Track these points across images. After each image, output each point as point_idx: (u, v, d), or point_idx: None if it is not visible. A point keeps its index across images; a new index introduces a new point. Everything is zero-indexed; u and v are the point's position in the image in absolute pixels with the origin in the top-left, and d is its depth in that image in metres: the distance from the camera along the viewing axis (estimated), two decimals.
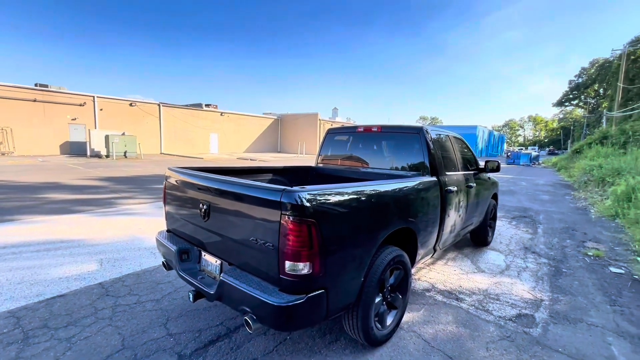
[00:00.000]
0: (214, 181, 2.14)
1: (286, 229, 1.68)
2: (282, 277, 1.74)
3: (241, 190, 1.92)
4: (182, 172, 2.54)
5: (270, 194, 1.75)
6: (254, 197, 1.83)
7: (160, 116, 27.24)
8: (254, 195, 1.83)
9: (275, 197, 1.71)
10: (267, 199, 1.76)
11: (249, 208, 1.88)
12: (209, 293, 2.07)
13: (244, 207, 1.92)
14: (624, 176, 9.92)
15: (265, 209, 1.78)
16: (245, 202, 1.90)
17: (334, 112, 40.58)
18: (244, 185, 1.93)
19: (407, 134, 3.38)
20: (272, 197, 1.73)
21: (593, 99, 67.66)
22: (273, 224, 1.74)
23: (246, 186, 1.91)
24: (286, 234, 1.68)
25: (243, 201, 1.92)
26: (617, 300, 3.40)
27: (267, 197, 1.76)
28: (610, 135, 23.25)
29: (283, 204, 1.68)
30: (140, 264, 3.86)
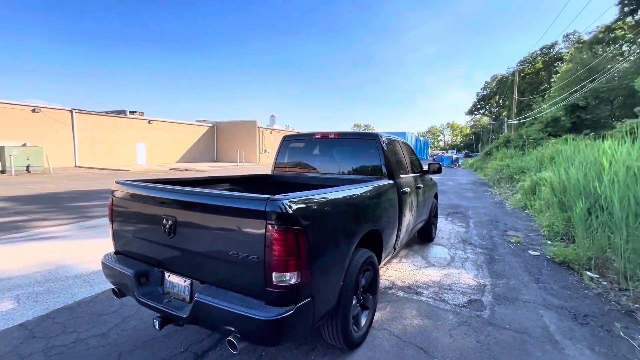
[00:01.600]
0: (181, 193, 1.96)
1: (272, 239, 1.62)
2: (268, 290, 1.67)
3: (217, 201, 1.79)
4: (137, 186, 2.27)
5: (253, 204, 1.66)
6: (234, 208, 1.72)
7: (74, 124, 23.88)
8: (234, 206, 1.72)
9: (259, 207, 1.64)
10: (250, 209, 1.67)
11: (227, 220, 1.76)
12: (180, 317, 1.87)
13: (221, 220, 1.79)
14: (527, 174, 11.76)
15: (247, 219, 1.69)
16: (222, 214, 1.78)
17: (271, 119, 40.32)
18: (220, 196, 1.80)
19: (364, 140, 3.54)
20: (256, 206, 1.65)
21: (495, 109, 78.82)
22: (257, 235, 1.66)
23: (223, 197, 1.79)
24: (272, 245, 1.62)
25: (220, 213, 1.78)
26: (539, 278, 3.99)
27: (250, 207, 1.67)
28: (512, 139, 27.50)
29: (268, 213, 1.62)
30: (72, 295, 3.30)
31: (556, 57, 50.92)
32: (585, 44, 41.87)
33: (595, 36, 41.74)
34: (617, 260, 3.78)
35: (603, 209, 4.22)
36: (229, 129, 34.09)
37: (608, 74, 21.77)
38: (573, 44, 47.41)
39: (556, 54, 51.45)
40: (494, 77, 75.29)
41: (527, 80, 55.76)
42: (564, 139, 20.66)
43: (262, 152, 33.35)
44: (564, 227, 5.53)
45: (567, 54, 45.95)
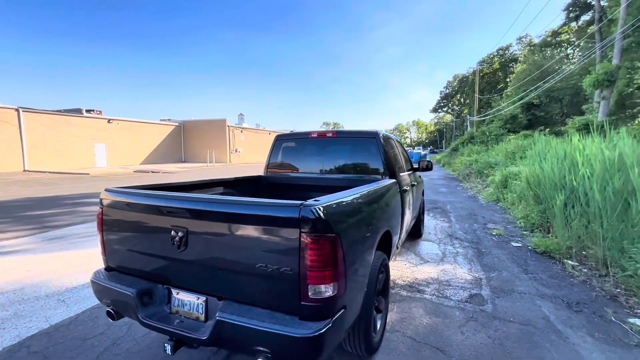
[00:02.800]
0: (197, 202, 1.75)
1: (306, 249, 1.48)
2: (303, 304, 1.53)
3: (243, 210, 1.61)
4: (135, 194, 2.02)
5: (285, 211, 1.52)
6: (262, 217, 1.56)
7: (21, 124, 21.67)
8: (263, 215, 1.56)
9: (292, 214, 1.49)
10: (281, 217, 1.52)
11: (254, 230, 1.59)
12: (198, 339, 1.67)
13: (246, 230, 1.61)
14: (495, 168, 12.41)
15: (277, 228, 1.54)
16: (247, 224, 1.60)
17: (239, 118, 39.24)
18: (246, 204, 1.63)
19: (364, 138, 3.47)
20: (288, 214, 1.50)
21: (457, 107, 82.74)
22: (289, 245, 1.52)
23: (250, 205, 1.62)
24: (307, 255, 1.49)
25: (245, 222, 1.61)
26: (527, 269, 4.17)
27: (281, 215, 1.52)
28: (475, 135, 29.05)
29: (302, 221, 1.48)
30: (46, 318, 2.92)
31: (511, 58, 54.33)
32: (536, 46, 45.14)
33: (544, 40, 45.19)
34: (596, 249, 4.04)
35: (579, 200, 4.50)
36: (196, 128, 32.70)
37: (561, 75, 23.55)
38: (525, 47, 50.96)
39: (511, 55, 54.94)
40: (456, 76, 78.87)
41: (485, 80, 58.99)
42: (522, 135, 22.19)
43: (233, 151, 32.39)
44: (540, 219, 5.85)
45: (521, 55, 49.18)
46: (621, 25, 16.73)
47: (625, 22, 16.48)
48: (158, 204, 1.85)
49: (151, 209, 1.90)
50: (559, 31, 42.29)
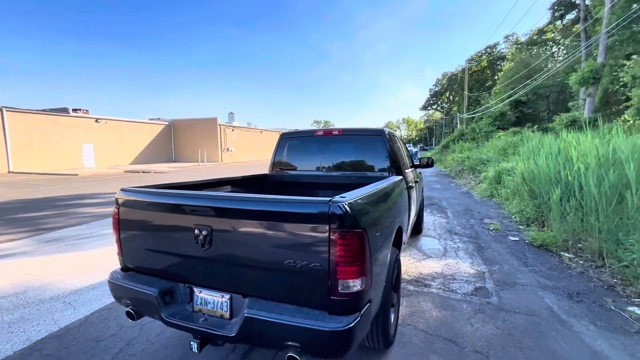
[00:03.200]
0: (223, 200, 1.76)
1: (336, 245, 1.51)
2: (333, 299, 1.56)
3: (271, 207, 1.63)
4: (156, 194, 2.01)
5: (315, 207, 1.54)
6: (291, 214, 1.59)
7: (4, 124, 21.02)
8: (291, 211, 1.59)
9: (322, 210, 1.52)
10: (311, 213, 1.55)
11: (283, 227, 1.61)
12: (227, 336, 1.69)
13: (274, 227, 1.63)
14: (487, 165, 12.65)
15: (307, 225, 1.56)
16: (276, 221, 1.62)
17: (230, 116, 38.71)
18: (274, 201, 1.64)
19: (370, 135, 3.52)
20: (318, 210, 1.53)
21: (447, 104, 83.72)
22: (319, 241, 1.54)
23: (278, 202, 1.64)
24: (337, 250, 1.52)
25: (273, 220, 1.63)
26: (527, 262, 4.30)
27: (311, 211, 1.55)
28: (465, 132, 29.49)
29: (332, 217, 1.51)
30: (55, 321, 2.88)
31: (499, 57, 55.20)
32: (522, 45, 45.99)
33: (530, 38, 46.07)
34: (592, 241, 4.18)
35: (574, 195, 4.65)
36: (187, 127, 32.27)
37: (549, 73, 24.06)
38: (512, 45, 51.85)
39: (498, 53, 55.84)
40: (445, 74, 79.66)
41: (474, 78, 59.82)
42: (511, 132, 22.63)
43: (224, 150, 32.11)
44: (535, 213, 6.01)
45: (508, 53, 49.99)
46: (606, 25, 17.19)
47: (610, 21, 16.94)
48: (182, 202, 1.85)
49: (173, 208, 1.90)
50: (544, 30, 43.19)
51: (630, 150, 3.75)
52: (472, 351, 2.42)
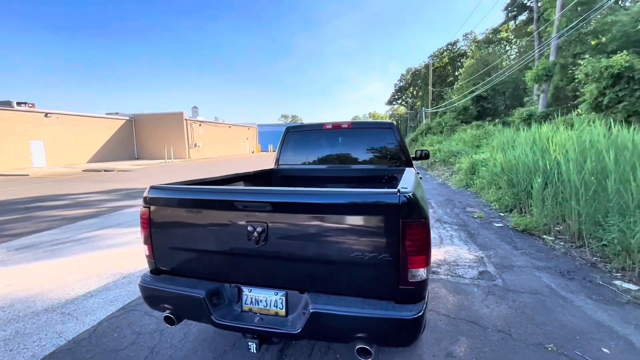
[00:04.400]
0: (282, 195, 1.70)
1: (406, 235, 1.54)
2: (401, 288, 1.59)
3: (339, 199, 1.61)
4: (197, 190, 1.90)
5: (385, 198, 1.55)
6: (359, 205, 1.58)
7: None
8: (360, 203, 1.58)
9: (392, 200, 1.53)
10: (380, 205, 1.55)
11: (349, 219, 1.60)
12: (290, 333, 1.65)
13: (340, 220, 1.62)
14: (459, 156, 13.32)
15: (375, 216, 1.57)
16: (342, 214, 1.61)
17: (193, 111, 36.83)
18: (342, 194, 1.62)
19: (380, 128, 3.56)
20: (388, 200, 1.54)
21: (411, 99, 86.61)
22: (389, 232, 1.55)
23: (344, 194, 1.62)
24: (406, 240, 1.54)
25: (339, 212, 1.61)
26: (516, 246, 4.62)
27: (381, 202, 1.55)
28: (432, 126, 30.84)
29: (402, 207, 1.53)
30: (59, 333, 2.63)
31: (459, 54, 57.97)
32: (480, 43, 48.69)
33: (486, 37, 48.86)
34: (572, 224, 4.60)
35: (553, 182, 5.06)
36: (150, 122, 30.39)
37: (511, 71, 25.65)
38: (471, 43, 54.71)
39: (458, 50, 58.66)
40: (409, 69, 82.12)
41: (436, 74, 62.32)
42: (474, 125, 24.00)
43: (191, 146, 30.75)
44: (513, 201, 6.47)
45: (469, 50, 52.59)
46: (557, 27, 18.69)
47: (560, 24, 18.44)
48: (235, 199, 1.76)
49: (222, 205, 1.80)
50: (499, 29, 45.99)
51: (608, 142, 4.15)
52: (495, 330, 2.58)
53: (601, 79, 10.11)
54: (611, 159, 3.78)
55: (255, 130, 46.01)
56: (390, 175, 3.41)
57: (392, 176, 3.40)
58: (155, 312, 2.92)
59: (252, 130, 44.84)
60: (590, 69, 10.40)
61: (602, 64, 10.07)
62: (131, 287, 3.45)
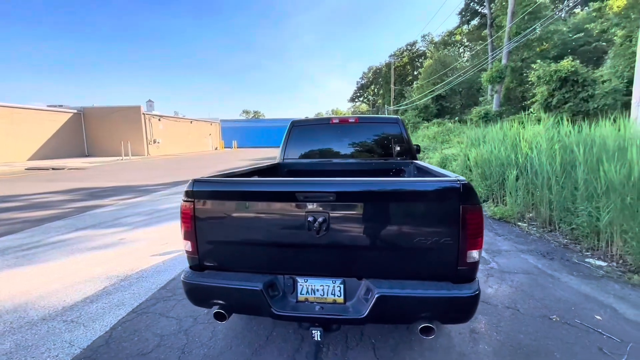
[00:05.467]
0: (344, 184, 1.75)
1: (466, 219, 1.67)
2: (459, 269, 1.72)
3: (405, 186, 1.70)
4: (249, 182, 1.87)
5: (447, 185, 1.68)
6: (423, 192, 1.69)
7: None
8: (424, 190, 1.68)
9: (454, 187, 1.66)
10: (443, 191, 1.67)
11: (412, 206, 1.71)
12: (356, 318, 1.71)
13: (404, 207, 1.71)
14: (426, 152, 14.06)
15: (439, 202, 1.68)
16: (406, 200, 1.71)
17: (148, 105, 34.39)
18: (403, 181, 1.71)
19: (387, 123, 3.70)
20: (451, 187, 1.66)
21: (372, 97, 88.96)
22: (451, 217, 1.67)
23: (408, 182, 1.71)
24: (467, 224, 1.67)
25: (403, 199, 1.71)
26: (497, 232, 5.06)
27: (444, 189, 1.67)
28: None
29: (463, 194, 1.65)
30: (70, 343, 2.43)
31: (418, 54, 60.62)
32: (437, 44, 51.41)
33: (442, 39, 51.68)
34: (543, 211, 5.13)
35: (525, 174, 5.59)
36: (103, 117, 27.93)
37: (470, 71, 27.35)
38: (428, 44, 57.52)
39: (417, 51, 61.36)
40: (370, 68, 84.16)
41: (397, 73, 64.64)
42: (435, 123, 25.40)
43: (150, 142, 28.85)
44: (486, 192, 7.02)
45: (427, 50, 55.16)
46: (508, 33, 20.34)
47: (511, 30, 20.09)
48: (296, 189, 1.76)
49: (279, 196, 1.80)
50: (454, 32, 48.89)
51: (577, 137, 4.70)
52: (504, 307, 2.84)
53: (551, 81, 11.26)
54: (581, 152, 4.29)
55: (218, 126, 44.38)
56: (397, 168, 3.57)
57: (399, 169, 3.56)
58: (171, 313, 2.82)
59: (215, 125, 43.20)
60: (542, 72, 11.52)
61: (552, 68, 11.21)
62: (135, 290, 3.26)
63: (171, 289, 3.27)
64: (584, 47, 21.79)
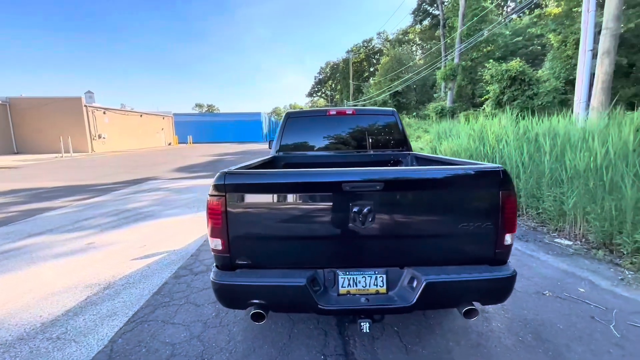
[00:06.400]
0: (392, 172, 1.73)
1: (505, 204, 1.75)
2: (497, 252, 1.81)
3: (451, 173, 1.73)
4: (289, 174, 1.77)
5: (489, 172, 1.74)
6: (467, 180, 1.75)
7: None
8: (468, 176, 1.75)
9: (495, 175, 1.73)
10: (486, 179, 1.75)
11: (456, 193, 1.76)
12: (405, 307, 1.71)
13: (450, 193, 1.76)
14: None
15: (481, 189, 1.75)
16: (451, 188, 1.76)
17: (88, 96, 31.10)
18: (447, 170, 1.74)
19: (383, 115, 3.74)
20: (493, 174, 1.74)
21: (330, 92, 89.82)
22: (492, 202, 1.75)
23: (453, 170, 1.74)
24: (506, 209, 1.76)
25: (449, 187, 1.75)
26: None
27: (486, 177, 1.74)
28: None
29: (503, 181, 1.73)
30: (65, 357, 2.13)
31: (374, 51, 62.31)
32: (392, 41, 53.34)
33: (397, 37, 53.70)
34: None
35: None
36: (35, 109, 24.60)
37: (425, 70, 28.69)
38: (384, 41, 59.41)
39: (373, 48, 63.04)
40: (328, 63, 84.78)
41: (354, 68, 65.96)
42: None
43: (95, 138, 26.14)
44: None
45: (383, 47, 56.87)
46: (459, 34, 21.71)
47: (462, 31, 21.46)
48: (343, 179, 1.71)
49: (324, 187, 1.74)
50: (407, 31, 51.01)
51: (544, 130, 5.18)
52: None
53: (502, 80, 12.27)
54: (547, 143, 4.74)
55: (171, 120, 41.63)
56: (395, 159, 3.65)
57: (397, 160, 3.64)
58: (176, 319, 2.61)
59: (167, 120, 40.43)
60: (494, 72, 12.50)
61: (503, 68, 12.21)
62: (124, 298, 2.95)
63: (167, 294, 3.02)
64: (521, 49, 24.06)
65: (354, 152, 3.77)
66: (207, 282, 3.21)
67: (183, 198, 7.41)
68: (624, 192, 3.61)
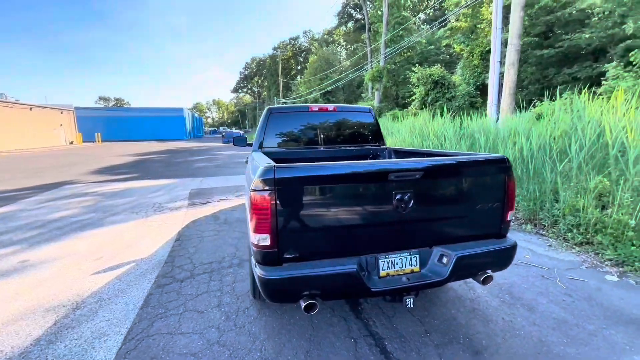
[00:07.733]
0: (428, 161, 1.94)
1: (508, 186, 2.13)
2: (502, 227, 2.17)
3: (475, 159, 2.06)
4: (340, 166, 1.84)
5: (499, 159, 2.09)
6: (484, 166, 2.08)
7: None
8: (484, 164, 2.09)
9: (502, 162, 2.09)
10: (496, 165, 2.09)
11: (477, 178, 2.08)
12: (440, 280, 1.95)
13: (472, 178, 2.07)
14: None
15: (494, 175, 2.09)
16: (472, 174, 2.08)
17: None
18: (470, 158, 2.04)
19: (362, 112, 3.98)
20: (502, 159, 2.10)
21: (257, 88, 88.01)
22: (499, 185, 2.11)
23: (474, 158, 2.04)
24: (509, 190, 2.13)
25: (471, 173, 2.07)
26: None
27: (497, 163, 2.08)
28: None
29: (508, 167, 2.10)
30: None
31: (301, 49, 63.06)
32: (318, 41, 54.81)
33: (322, 37, 55.42)
34: None
35: None
36: None
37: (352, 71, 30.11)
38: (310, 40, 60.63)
39: (300, 46, 63.79)
40: (254, 59, 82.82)
41: (282, 66, 65.83)
42: None
43: None
44: None
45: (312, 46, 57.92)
46: (384, 41, 23.52)
47: (387, 37, 23.29)
48: (389, 168, 1.87)
49: (371, 178, 1.87)
50: (333, 32, 53.00)
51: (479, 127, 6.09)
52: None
53: (427, 83, 13.79)
54: (482, 139, 5.61)
55: (73, 115, 35.53)
56: (374, 154, 3.90)
57: (376, 154, 3.90)
58: (183, 328, 2.43)
59: (68, 114, 34.37)
60: (420, 75, 13.97)
61: (427, 72, 13.74)
62: (106, 315, 2.59)
63: (159, 305, 2.74)
64: (433, 57, 27.30)
65: (337, 147, 3.93)
66: (200, 287, 3.02)
67: (121, 203, 6.57)
68: (545, 177, 4.54)
